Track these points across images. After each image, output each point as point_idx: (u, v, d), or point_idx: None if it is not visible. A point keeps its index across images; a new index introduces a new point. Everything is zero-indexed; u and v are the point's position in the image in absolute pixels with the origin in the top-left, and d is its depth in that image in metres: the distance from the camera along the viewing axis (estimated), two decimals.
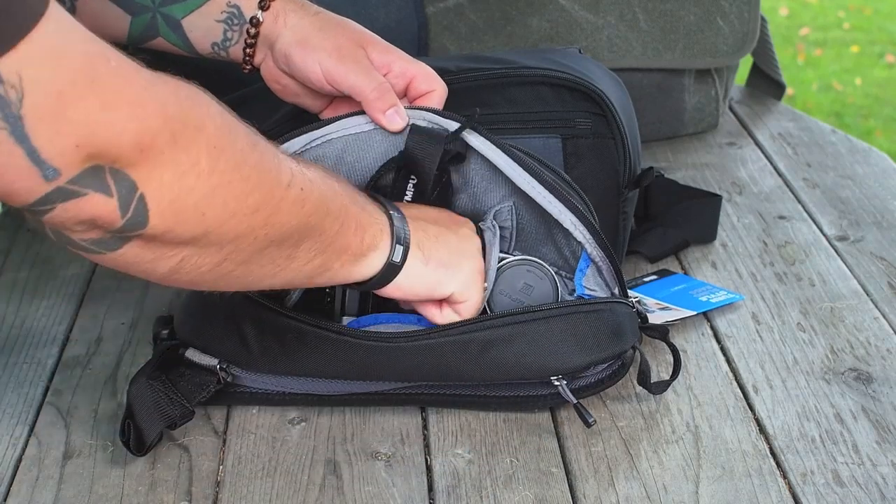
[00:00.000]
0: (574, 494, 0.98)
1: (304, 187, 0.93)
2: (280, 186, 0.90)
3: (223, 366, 1.06)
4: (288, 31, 1.09)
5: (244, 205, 0.87)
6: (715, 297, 1.24)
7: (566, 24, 1.58)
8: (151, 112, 0.79)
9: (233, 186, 0.86)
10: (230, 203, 0.86)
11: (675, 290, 1.26)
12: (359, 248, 0.99)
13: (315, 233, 0.94)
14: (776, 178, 1.54)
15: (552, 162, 1.20)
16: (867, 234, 1.39)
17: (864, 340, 1.18)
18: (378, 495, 0.98)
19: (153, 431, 1.01)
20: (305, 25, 1.09)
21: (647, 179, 1.24)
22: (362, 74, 1.08)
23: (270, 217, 0.89)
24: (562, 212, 1.08)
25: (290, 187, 0.91)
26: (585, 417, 1.03)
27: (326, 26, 1.09)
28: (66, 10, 1.04)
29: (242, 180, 0.86)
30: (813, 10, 5.44)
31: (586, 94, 1.20)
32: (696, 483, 0.98)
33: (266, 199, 0.89)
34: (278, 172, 0.91)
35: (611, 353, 1.06)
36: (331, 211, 0.96)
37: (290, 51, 1.09)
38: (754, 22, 1.65)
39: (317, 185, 0.95)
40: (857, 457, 1.01)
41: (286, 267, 0.94)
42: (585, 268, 1.10)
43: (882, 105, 4.45)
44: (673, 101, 1.63)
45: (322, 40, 1.08)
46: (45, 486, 1.00)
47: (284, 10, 1.09)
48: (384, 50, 1.10)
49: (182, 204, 0.83)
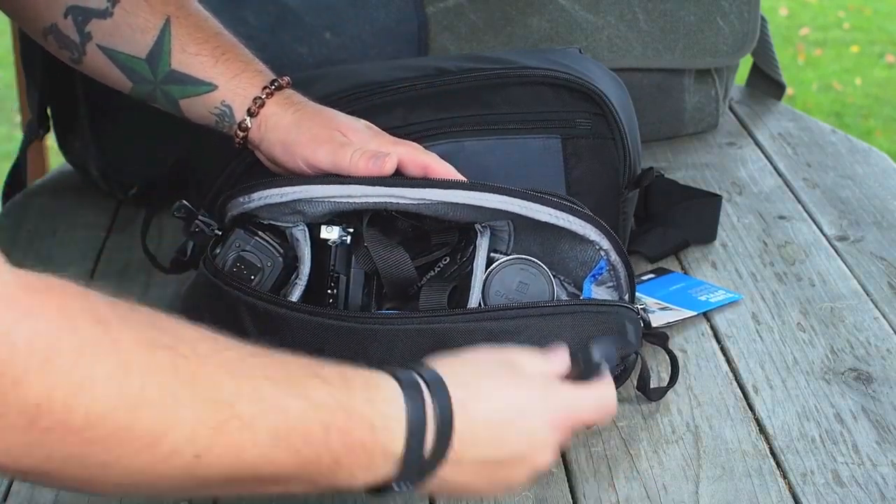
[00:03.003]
0: (574, 494, 0.98)
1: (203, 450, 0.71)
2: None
3: None
4: (270, 135, 1.10)
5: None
6: (714, 297, 1.24)
7: (566, 24, 1.58)
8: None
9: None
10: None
11: (673, 290, 1.26)
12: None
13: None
14: (776, 178, 1.54)
15: (552, 162, 1.20)
16: (867, 234, 1.39)
17: (864, 340, 1.18)
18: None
19: None
20: (284, 126, 1.09)
21: (647, 179, 1.25)
22: (338, 149, 1.07)
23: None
24: (584, 226, 1.08)
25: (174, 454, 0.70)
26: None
27: (302, 120, 1.09)
28: (73, 59, 1.04)
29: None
30: (813, 10, 5.44)
31: (586, 94, 1.20)
32: (696, 483, 0.98)
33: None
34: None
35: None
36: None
37: (274, 152, 1.10)
38: (754, 22, 1.65)
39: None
40: (857, 457, 1.01)
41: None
42: (599, 274, 1.10)
43: (882, 105, 4.45)
44: (673, 101, 1.63)
45: (299, 135, 1.09)
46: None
47: (266, 114, 1.10)
48: (363, 131, 1.09)
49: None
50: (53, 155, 2.58)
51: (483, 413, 0.80)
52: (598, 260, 1.10)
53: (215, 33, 1.12)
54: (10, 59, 2.32)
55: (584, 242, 1.09)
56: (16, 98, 2.97)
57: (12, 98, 3.83)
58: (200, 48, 1.11)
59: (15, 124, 4.08)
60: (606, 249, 1.09)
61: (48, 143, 2.28)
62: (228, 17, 1.52)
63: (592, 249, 1.09)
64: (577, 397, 0.85)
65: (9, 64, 4.06)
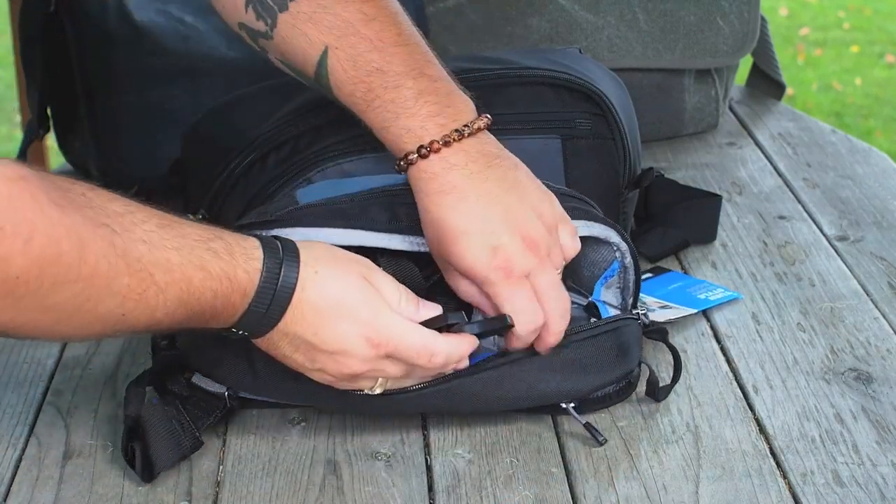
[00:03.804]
0: (574, 494, 0.98)
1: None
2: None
3: (231, 392, 1.05)
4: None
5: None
6: (713, 295, 1.24)
7: (566, 24, 1.58)
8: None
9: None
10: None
11: (672, 288, 1.26)
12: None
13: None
14: (776, 178, 1.54)
15: (552, 163, 1.20)
16: (867, 234, 1.39)
17: (864, 340, 1.18)
18: (378, 495, 0.98)
19: (166, 463, 0.99)
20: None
21: (647, 180, 1.25)
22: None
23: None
24: (604, 229, 1.08)
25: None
26: (596, 437, 1.02)
27: (426, 215, 1.02)
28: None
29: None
30: (813, 10, 5.44)
31: (586, 94, 1.20)
32: (696, 483, 0.98)
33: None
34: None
35: (619, 375, 1.06)
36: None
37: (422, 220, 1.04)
38: (754, 22, 1.65)
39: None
40: (857, 457, 1.01)
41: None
42: (610, 276, 1.10)
43: (882, 105, 4.45)
44: (673, 101, 1.63)
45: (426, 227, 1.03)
46: (45, 486, 1.00)
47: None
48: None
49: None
50: (53, 155, 2.58)
51: (315, 298, 0.94)
52: (612, 261, 1.10)
53: (372, 70, 1.01)
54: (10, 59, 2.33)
55: (602, 244, 1.09)
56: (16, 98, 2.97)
57: (12, 98, 3.84)
58: (354, 88, 1.02)
59: (15, 124, 4.08)
60: (623, 251, 1.09)
61: (48, 143, 2.28)
62: None
63: (609, 251, 1.09)
64: (406, 330, 0.96)
65: (9, 64, 4.07)
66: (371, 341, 0.95)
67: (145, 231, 0.89)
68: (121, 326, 0.90)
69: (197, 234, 0.92)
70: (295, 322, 0.95)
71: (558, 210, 1.03)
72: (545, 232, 1.01)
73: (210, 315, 0.93)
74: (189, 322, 0.93)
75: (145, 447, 0.99)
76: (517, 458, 1.02)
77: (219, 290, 0.92)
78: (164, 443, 0.99)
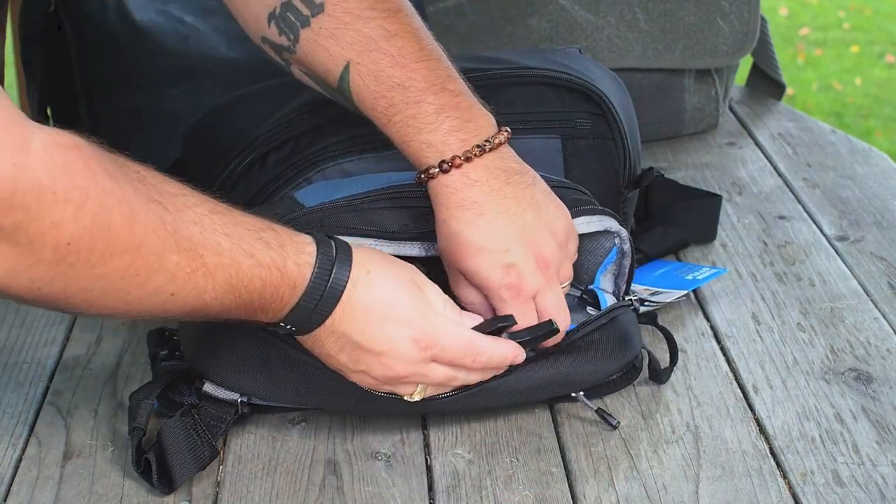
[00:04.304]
0: (574, 494, 0.98)
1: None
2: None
3: (244, 399, 1.04)
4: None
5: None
6: (700, 274, 1.25)
7: (566, 24, 1.58)
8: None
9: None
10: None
11: (659, 274, 1.26)
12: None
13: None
14: (776, 178, 1.54)
15: (552, 162, 1.20)
16: (867, 234, 1.39)
17: (864, 340, 1.18)
18: (378, 495, 0.98)
19: (186, 475, 0.99)
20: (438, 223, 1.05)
21: (647, 179, 1.25)
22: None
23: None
24: (602, 220, 1.10)
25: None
26: (609, 421, 1.04)
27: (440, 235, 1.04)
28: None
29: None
30: (813, 10, 5.44)
31: (586, 94, 1.20)
32: (696, 483, 0.98)
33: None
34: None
35: (626, 362, 1.07)
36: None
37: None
38: (754, 22, 1.65)
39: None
40: (857, 457, 1.01)
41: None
42: (609, 263, 1.11)
43: (882, 105, 4.45)
44: (673, 101, 1.63)
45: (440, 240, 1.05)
46: (45, 486, 1.00)
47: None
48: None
49: None
50: None
51: (365, 297, 0.95)
52: (611, 248, 1.11)
53: (393, 86, 1.01)
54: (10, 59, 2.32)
55: (600, 233, 1.11)
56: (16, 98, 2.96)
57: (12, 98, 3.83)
58: (375, 103, 1.02)
59: None
60: (623, 238, 1.11)
61: None
62: (228, 17, 1.52)
63: (607, 238, 1.11)
64: (452, 329, 0.98)
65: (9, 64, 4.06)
66: (418, 343, 0.96)
67: (197, 214, 0.89)
68: (171, 307, 0.89)
69: (249, 222, 0.93)
70: (343, 320, 0.95)
71: (570, 224, 1.05)
72: (557, 250, 1.03)
73: (259, 305, 0.93)
74: (238, 311, 0.92)
75: (163, 460, 0.98)
76: (517, 458, 1.02)
77: (268, 279, 0.91)
78: (184, 455, 0.99)
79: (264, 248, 0.92)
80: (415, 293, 0.97)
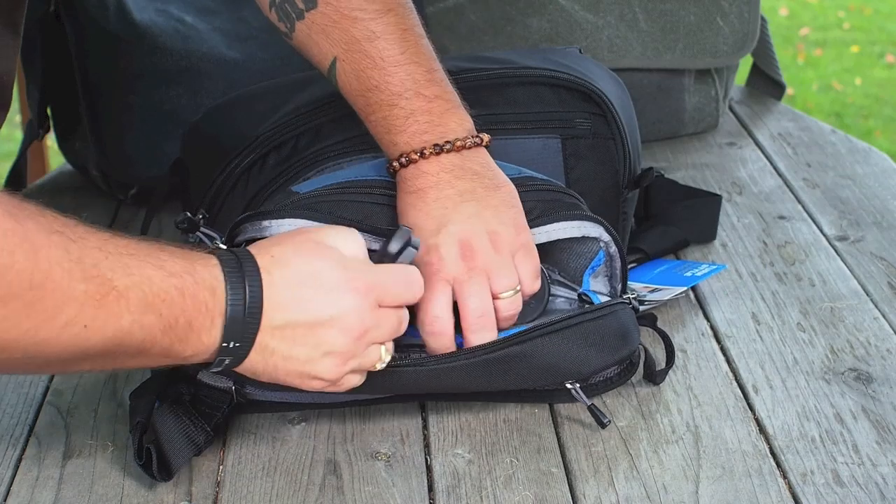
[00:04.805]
0: (574, 494, 0.98)
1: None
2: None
3: (238, 387, 1.04)
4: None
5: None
6: (699, 271, 1.25)
7: (566, 24, 1.58)
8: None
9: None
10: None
11: (659, 272, 1.27)
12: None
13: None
14: (776, 178, 1.54)
15: (552, 162, 1.20)
16: (867, 234, 1.39)
17: (864, 340, 1.18)
18: (378, 495, 0.98)
19: (182, 460, 1.00)
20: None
21: (647, 179, 1.25)
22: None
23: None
24: (581, 226, 1.10)
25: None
26: (600, 418, 1.04)
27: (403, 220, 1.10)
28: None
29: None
30: (813, 10, 5.44)
31: (586, 94, 1.20)
32: (696, 483, 0.98)
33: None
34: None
35: (622, 356, 1.07)
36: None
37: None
38: (754, 22, 1.65)
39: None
40: (857, 457, 1.01)
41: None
42: (597, 265, 1.11)
43: (882, 105, 4.45)
44: (673, 101, 1.63)
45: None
46: (45, 486, 1.00)
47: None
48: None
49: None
50: (53, 155, 2.58)
51: (284, 277, 0.93)
52: (597, 251, 1.11)
53: (371, 87, 1.08)
54: None
55: (584, 239, 1.11)
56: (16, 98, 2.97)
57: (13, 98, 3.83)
58: (355, 100, 1.09)
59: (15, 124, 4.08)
60: (606, 241, 1.12)
61: (48, 143, 2.28)
62: (228, 17, 1.52)
63: (594, 242, 1.11)
64: (381, 269, 0.97)
65: None
66: (359, 290, 0.95)
67: (100, 239, 0.87)
68: (87, 344, 0.86)
69: (148, 242, 0.91)
70: (278, 310, 0.92)
71: (523, 240, 1.06)
72: (489, 248, 1.04)
73: (185, 323, 0.89)
74: (166, 337, 0.89)
75: (159, 447, 0.99)
76: (517, 458, 1.02)
77: (183, 287, 0.89)
78: (178, 441, 1.00)
79: (170, 257, 0.90)
80: (326, 251, 0.95)
